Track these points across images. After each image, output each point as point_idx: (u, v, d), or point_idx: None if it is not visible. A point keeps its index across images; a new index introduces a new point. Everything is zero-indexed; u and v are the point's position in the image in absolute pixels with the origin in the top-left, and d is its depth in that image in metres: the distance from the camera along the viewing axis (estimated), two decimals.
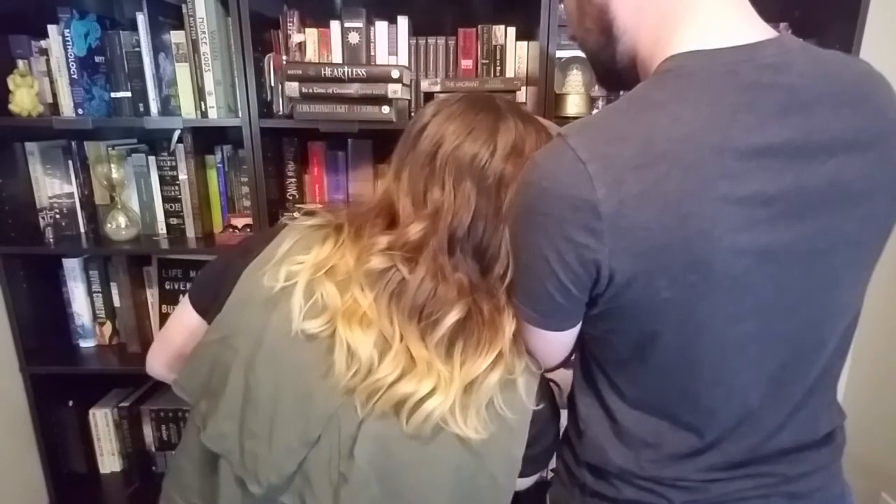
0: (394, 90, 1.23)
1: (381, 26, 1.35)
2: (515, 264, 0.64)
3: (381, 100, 1.24)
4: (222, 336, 0.67)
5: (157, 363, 0.82)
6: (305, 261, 0.65)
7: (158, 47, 1.32)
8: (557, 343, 0.67)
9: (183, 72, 1.32)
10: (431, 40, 1.39)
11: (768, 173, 0.52)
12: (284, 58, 1.35)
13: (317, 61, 1.36)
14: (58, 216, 1.50)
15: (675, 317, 0.56)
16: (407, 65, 1.37)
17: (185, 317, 0.77)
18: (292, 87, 1.22)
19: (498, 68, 1.39)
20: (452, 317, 0.62)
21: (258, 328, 0.65)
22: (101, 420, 1.62)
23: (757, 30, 0.56)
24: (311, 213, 0.71)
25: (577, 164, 0.52)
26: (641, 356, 0.60)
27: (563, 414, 0.75)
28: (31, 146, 1.46)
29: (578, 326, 0.65)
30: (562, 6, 0.86)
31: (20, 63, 1.35)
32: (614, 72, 0.67)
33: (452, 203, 0.64)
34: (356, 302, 0.63)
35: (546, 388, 0.70)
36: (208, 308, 0.72)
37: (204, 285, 0.76)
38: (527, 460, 0.67)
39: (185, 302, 0.77)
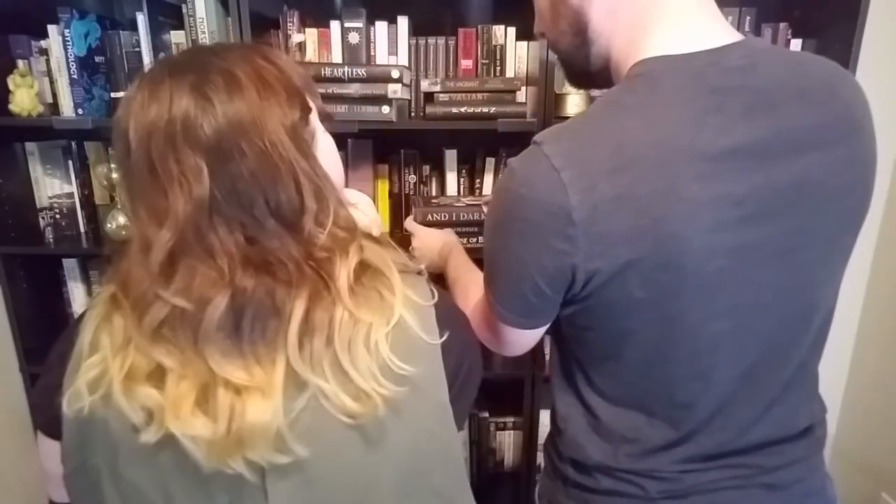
0: (394, 90, 1.23)
1: (381, 26, 1.35)
2: (492, 267, 0.65)
3: (381, 100, 1.24)
4: (76, 465, 0.58)
5: (60, 500, 0.70)
6: (103, 361, 0.54)
7: (158, 47, 1.32)
8: (529, 337, 0.70)
9: None
10: (431, 40, 1.39)
11: (738, 174, 0.53)
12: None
13: (317, 61, 1.36)
14: (58, 216, 1.50)
15: (648, 315, 0.57)
16: (407, 65, 1.37)
17: (48, 449, 0.65)
18: None
19: (498, 68, 1.39)
20: (215, 308, 0.50)
21: (106, 441, 0.56)
22: None
23: (724, 33, 0.57)
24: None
25: (552, 172, 0.54)
26: (618, 354, 0.62)
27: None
28: (31, 146, 1.46)
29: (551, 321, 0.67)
30: None
31: (20, 63, 1.35)
32: (587, 73, 0.68)
33: (188, 192, 0.51)
34: (176, 386, 0.52)
35: (450, 314, 0.61)
36: (60, 429, 0.61)
37: (43, 411, 0.63)
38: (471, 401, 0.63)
39: (39, 435, 0.66)
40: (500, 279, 0.64)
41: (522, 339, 0.70)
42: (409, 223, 1.22)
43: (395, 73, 1.23)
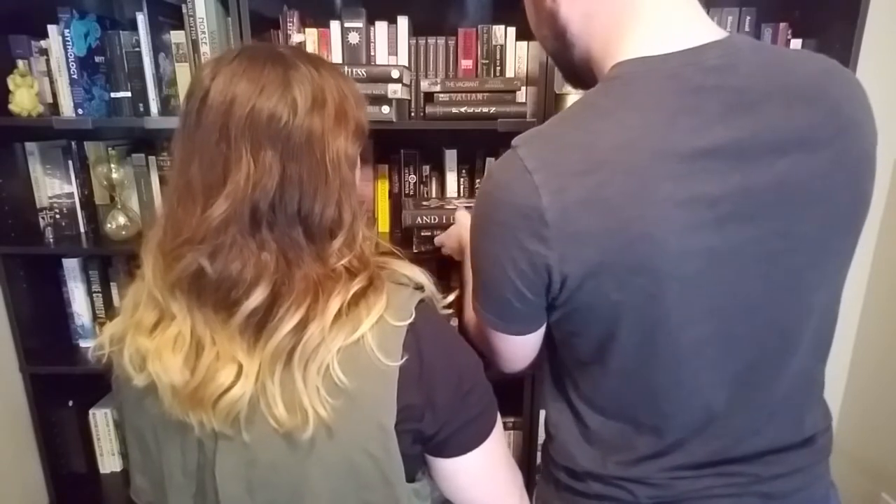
0: (394, 90, 1.24)
1: (381, 26, 1.35)
2: (475, 272, 0.65)
3: (381, 100, 1.24)
4: (116, 405, 0.70)
5: None
6: (123, 319, 0.63)
7: (158, 47, 1.32)
8: (522, 346, 0.68)
9: (183, 72, 1.32)
10: (431, 40, 1.39)
11: (713, 175, 0.52)
12: None
13: None
14: (58, 216, 1.49)
15: (627, 319, 0.57)
16: (407, 65, 1.37)
17: None
18: None
19: (498, 68, 1.39)
20: (253, 300, 0.56)
21: (118, 387, 0.68)
22: (101, 420, 1.62)
23: (705, 32, 0.56)
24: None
25: (525, 174, 0.54)
26: (601, 359, 0.61)
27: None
28: (31, 146, 1.46)
29: (542, 329, 0.66)
30: None
31: (20, 63, 1.35)
32: (575, 73, 0.68)
33: (252, 174, 0.55)
34: (166, 332, 0.59)
35: (428, 340, 0.61)
36: None
37: None
38: (462, 429, 0.62)
39: None
40: (484, 283, 0.64)
41: (513, 348, 0.69)
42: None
43: (394, 73, 1.23)
